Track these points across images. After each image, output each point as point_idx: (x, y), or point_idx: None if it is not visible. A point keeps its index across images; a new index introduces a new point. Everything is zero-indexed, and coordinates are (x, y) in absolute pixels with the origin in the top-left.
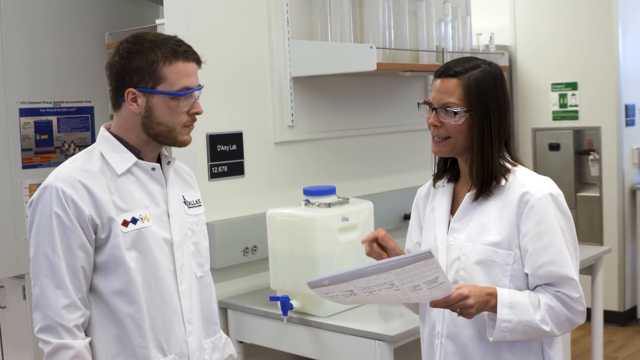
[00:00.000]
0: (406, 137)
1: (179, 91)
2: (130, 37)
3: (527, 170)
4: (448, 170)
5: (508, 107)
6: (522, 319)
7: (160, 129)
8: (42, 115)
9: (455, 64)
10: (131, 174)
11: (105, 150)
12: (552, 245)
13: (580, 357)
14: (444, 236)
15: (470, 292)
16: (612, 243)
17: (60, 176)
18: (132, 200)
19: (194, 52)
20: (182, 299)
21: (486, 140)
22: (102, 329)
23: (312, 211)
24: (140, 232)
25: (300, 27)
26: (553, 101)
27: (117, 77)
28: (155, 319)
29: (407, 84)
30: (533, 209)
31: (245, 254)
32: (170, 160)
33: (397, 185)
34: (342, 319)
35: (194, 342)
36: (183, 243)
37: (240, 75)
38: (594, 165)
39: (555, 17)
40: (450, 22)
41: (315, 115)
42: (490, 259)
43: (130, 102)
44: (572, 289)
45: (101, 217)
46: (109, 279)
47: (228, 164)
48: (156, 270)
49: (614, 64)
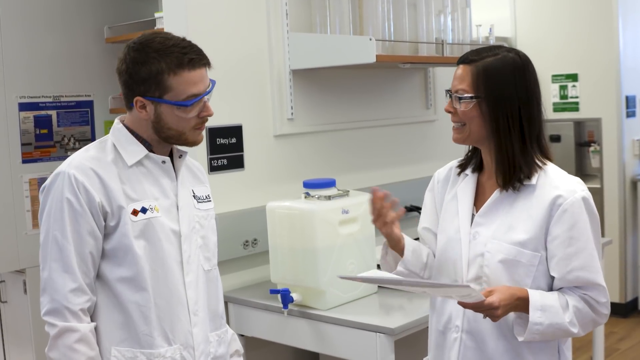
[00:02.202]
0: (406, 129)
1: (185, 100)
2: (137, 44)
3: (558, 168)
4: (473, 158)
5: (530, 97)
6: (552, 322)
7: (170, 133)
8: (42, 109)
9: (475, 51)
10: (142, 166)
11: (117, 142)
12: (583, 251)
13: (581, 349)
14: (467, 229)
15: (501, 301)
16: (613, 235)
17: (73, 163)
18: (142, 191)
19: (200, 58)
20: (188, 290)
21: (502, 129)
22: (108, 315)
23: (312, 204)
24: (149, 222)
25: (299, 19)
26: (554, 93)
27: (126, 84)
28: (162, 308)
29: (406, 76)
30: (566, 213)
31: (245, 247)
32: (182, 154)
33: (397, 177)
34: (343, 312)
35: (199, 333)
36: (191, 236)
37: (239, 68)
38: (594, 156)
39: (555, 8)
40: (450, 13)
41: (315, 108)
42: (515, 259)
43: (139, 109)
44: (599, 294)
45: (111, 205)
46: (116, 266)
47: (228, 157)
48: (163, 260)
49: (615, 55)
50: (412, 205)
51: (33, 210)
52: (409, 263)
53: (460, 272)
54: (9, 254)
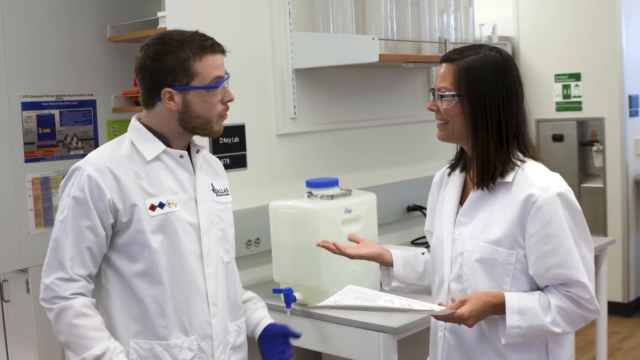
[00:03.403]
0: (409, 129)
1: (212, 83)
2: (155, 39)
3: (538, 165)
4: (461, 159)
5: (511, 96)
6: (532, 324)
7: (198, 122)
8: (45, 108)
9: (458, 50)
10: (160, 161)
11: (135, 139)
12: (560, 248)
13: (584, 349)
14: (450, 229)
15: (472, 312)
16: (615, 234)
17: (90, 160)
18: (160, 186)
19: (219, 44)
20: (208, 282)
21: (480, 127)
22: (124, 308)
23: (315, 203)
24: (167, 216)
25: (302, 18)
26: (556, 92)
27: (151, 79)
28: (179, 300)
29: (409, 75)
30: (540, 210)
31: (248, 247)
32: (200, 149)
33: (400, 177)
34: (346, 312)
35: (218, 324)
36: (210, 228)
37: (242, 68)
38: (597, 156)
39: (558, 7)
40: (453, 12)
41: (318, 107)
42: (492, 258)
43: (168, 101)
44: (582, 291)
45: (124, 203)
46: (131, 261)
47: (230, 157)
48: (181, 253)
49: (618, 55)
50: (415, 205)
51: (36, 210)
52: (402, 277)
53: (445, 272)
54: (12, 253)
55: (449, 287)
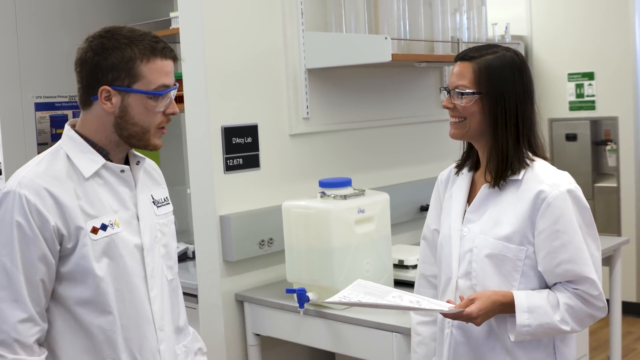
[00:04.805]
0: (422, 128)
1: (156, 90)
2: (103, 32)
3: (546, 164)
4: (469, 158)
5: (527, 96)
6: (541, 322)
7: (134, 129)
8: (58, 109)
9: (474, 49)
10: (99, 177)
11: (71, 151)
12: (569, 244)
13: (598, 349)
14: (458, 226)
15: (480, 310)
16: (629, 234)
17: (24, 182)
18: (100, 205)
19: (171, 50)
20: (153, 305)
21: (500, 125)
22: (69, 341)
23: (328, 203)
24: (111, 239)
25: (314, 18)
26: (570, 91)
27: (90, 74)
28: (128, 329)
29: (422, 74)
30: (550, 206)
31: (261, 247)
32: (140, 160)
33: (413, 176)
34: (359, 312)
35: (166, 350)
36: (153, 247)
37: (254, 68)
38: (611, 155)
39: (571, 6)
40: (466, 12)
41: (330, 107)
42: (501, 254)
43: (104, 100)
44: (591, 287)
45: (68, 227)
46: (74, 289)
47: (243, 157)
48: (128, 278)
49: (631, 53)
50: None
51: None
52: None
53: (453, 269)
54: None
55: (457, 283)
